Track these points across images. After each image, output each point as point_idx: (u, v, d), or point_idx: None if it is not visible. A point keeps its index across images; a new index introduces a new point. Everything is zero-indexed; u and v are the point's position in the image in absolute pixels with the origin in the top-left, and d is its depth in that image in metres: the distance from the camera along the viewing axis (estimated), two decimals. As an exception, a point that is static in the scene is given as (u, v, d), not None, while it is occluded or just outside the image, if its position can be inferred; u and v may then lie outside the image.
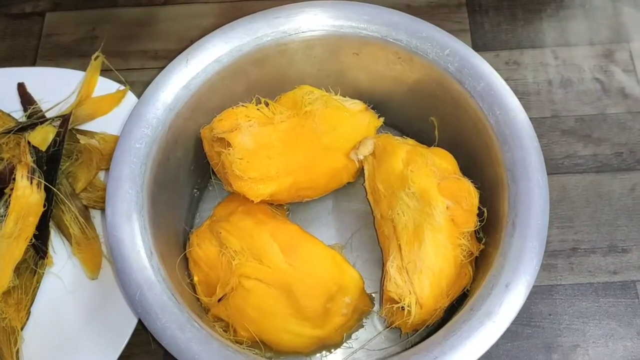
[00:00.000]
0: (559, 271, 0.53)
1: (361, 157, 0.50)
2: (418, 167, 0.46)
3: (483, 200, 0.45)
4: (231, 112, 0.49)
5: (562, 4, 0.64)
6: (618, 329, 0.51)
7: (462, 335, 0.39)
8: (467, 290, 0.45)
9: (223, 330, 0.46)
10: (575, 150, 0.58)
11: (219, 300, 0.46)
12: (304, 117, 0.49)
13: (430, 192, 0.44)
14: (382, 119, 0.53)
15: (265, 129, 0.48)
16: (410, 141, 0.50)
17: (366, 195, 0.52)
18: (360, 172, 0.52)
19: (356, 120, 0.51)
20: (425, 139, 0.52)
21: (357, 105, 0.52)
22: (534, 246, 0.41)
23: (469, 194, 0.45)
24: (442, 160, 0.47)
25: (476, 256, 0.45)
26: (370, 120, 0.52)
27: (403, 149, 0.48)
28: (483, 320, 0.39)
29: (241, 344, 0.44)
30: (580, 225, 0.54)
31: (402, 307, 0.43)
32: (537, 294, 0.51)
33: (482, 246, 0.45)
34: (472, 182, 0.46)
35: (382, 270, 0.49)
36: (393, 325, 0.46)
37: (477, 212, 0.45)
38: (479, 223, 0.45)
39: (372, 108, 0.53)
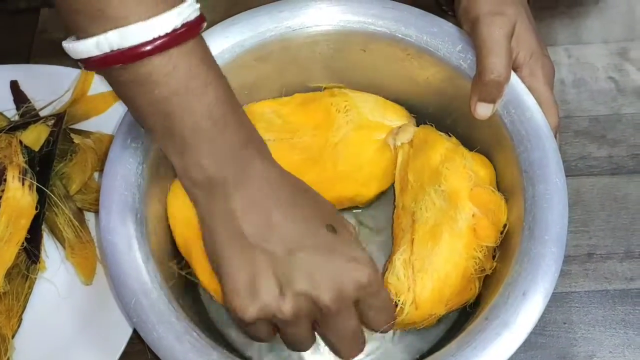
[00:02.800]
0: (574, 277, 0.51)
1: (398, 144, 0.48)
2: (455, 166, 0.44)
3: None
4: (253, 112, 0.48)
5: (575, 1, 0.63)
6: (636, 338, 0.49)
7: (478, 347, 0.37)
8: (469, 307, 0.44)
9: None
10: (589, 152, 0.56)
11: None
12: (328, 144, 0.48)
13: (461, 195, 0.43)
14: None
15: (281, 146, 0.47)
16: (453, 139, 0.48)
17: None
18: (374, 200, 0.50)
19: (385, 146, 0.49)
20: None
21: (398, 123, 0.49)
22: (552, 252, 0.39)
23: (499, 208, 0.43)
24: (481, 168, 0.45)
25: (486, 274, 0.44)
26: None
27: (444, 144, 0.46)
28: (499, 331, 0.38)
29: None
30: (595, 229, 0.53)
31: (396, 302, 0.42)
32: (551, 301, 0.49)
33: (495, 264, 0.44)
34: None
35: (386, 262, 0.48)
36: None
37: (502, 230, 0.43)
38: (499, 241, 0.43)
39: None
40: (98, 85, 0.57)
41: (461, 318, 0.46)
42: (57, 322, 0.49)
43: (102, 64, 0.35)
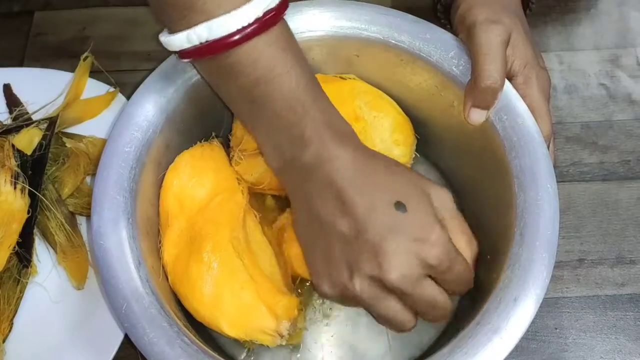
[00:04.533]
0: (565, 283, 0.52)
1: None
2: None
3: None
4: None
5: (567, 7, 0.64)
6: (627, 343, 0.49)
7: (469, 352, 0.37)
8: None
9: None
10: (580, 158, 0.57)
11: None
12: None
13: None
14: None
15: None
16: None
17: None
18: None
19: None
20: (430, 144, 0.51)
21: (402, 159, 0.49)
22: (543, 258, 0.40)
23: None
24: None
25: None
26: None
27: None
28: (490, 337, 0.38)
29: None
30: (586, 235, 0.53)
31: None
32: (542, 306, 0.49)
33: None
34: (478, 192, 0.45)
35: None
36: None
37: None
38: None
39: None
40: (91, 89, 0.57)
41: (452, 324, 0.46)
42: (48, 326, 0.49)
43: (193, 55, 0.38)
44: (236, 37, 0.36)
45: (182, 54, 0.39)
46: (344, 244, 0.38)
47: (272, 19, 0.37)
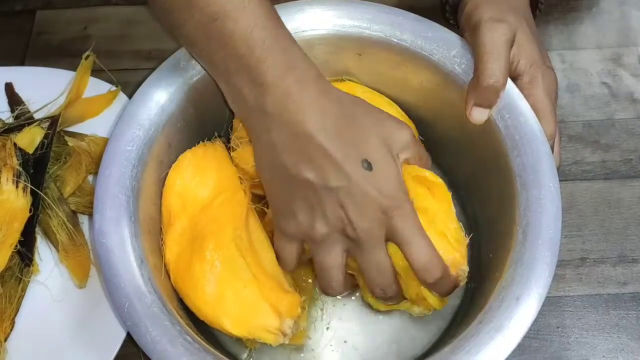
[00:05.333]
0: (567, 282, 0.51)
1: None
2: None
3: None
4: None
5: (569, 6, 0.64)
6: (629, 342, 0.49)
7: (472, 351, 0.37)
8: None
9: None
10: (583, 157, 0.56)
11: None
12: None
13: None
14: None
15: None
16: None
17: None
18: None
19: None
20: (432, 143, 0.50)
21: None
22: (546, 256, 0.39)
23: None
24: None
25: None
26: None
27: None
28: (493, 335, 0.38)
29: None
30: (588, 234, 0.53)
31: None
32: (544, 305, 0.49)
33: None
34: (480, 190, 0.45)
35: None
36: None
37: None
38: None
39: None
40: (92, 88, 0.57)
41: (454, 322, 0.46)
42: (50, 325, 0.49)
43: None
44: None
45: None
46: (311, 190, 0.39)
47: None
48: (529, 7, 0.48)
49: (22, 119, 0.55)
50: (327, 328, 0.48)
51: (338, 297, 0.48)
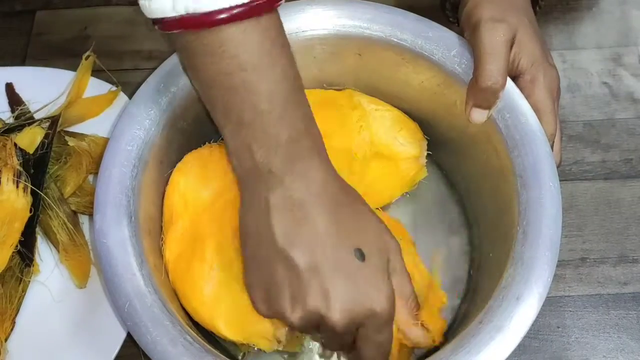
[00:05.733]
0: (568, 282, 0.51)
1: None
2: None
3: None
4: None
5: (569, 6, 0.64)
6: (629, 342, 0.49)
7: (472, 351, 0.37)
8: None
9: None
10: (583, 157, 0.56)
11: None
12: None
13: None
14: (425, 172, 0.50)
15: None
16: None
17: None
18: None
19: (397, 172, 0.48)
20: (433, 143, 0.51)
21: (412, 150, 0.49)
22: (546, 256, 0.39)
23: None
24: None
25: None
26: (415, 174, 0.49)
27: None
28: (493, 335, 0.38)
29: None
30: (589, 234, 0.53)
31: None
32: (545, 305, 0.49)
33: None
34: (480, 190, 0.45)
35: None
36: None
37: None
38: None
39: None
40: (93, 88, 0.57)
41: (454, 322, 0.46)
42: (50, 325, 0.49)
43: (175, 27, 0.34)
44: (225, 14, 0.33)
45: (163, 23, 0.35)
46: (293, 274, 0.36)
47: (264, 6, 0.35)
48: (530, 4, 0.48)
49: (23, 119, 0.55)
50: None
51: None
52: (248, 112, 0.36)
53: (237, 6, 0.34)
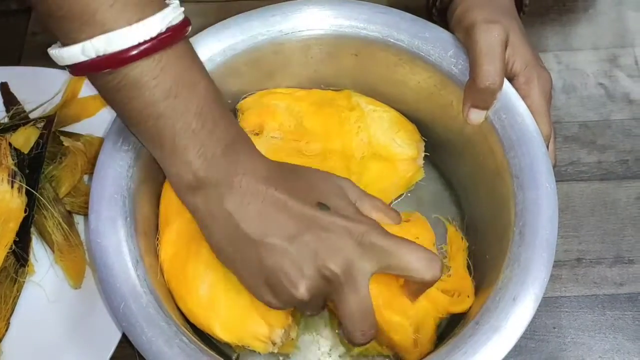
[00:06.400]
0: (564, 282, 0.51)
1: None
2: None
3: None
4: (266, 103, 0.47)
5: (565, 7, 0.64)
6: (625, 343, 0.49)
7: (468, 352, 0.37)
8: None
9: None
10: (579, 157, 0.57)
11: None
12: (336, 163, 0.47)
13: None
14: (423, 173, 0.51)
15: (286, 146, 0.46)
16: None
17: None
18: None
19: (395, 173, 0.49)
20: (430, 144, 0.51)
21: (409, 151, 0.49)
22: (542, 257, 0.39)
23: None
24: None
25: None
26: (412, 176, 0.50)
27: None
28: (490, 335, 0.38)
29: None
30: (585, 234, 0.53)
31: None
32: (541, 305, 0.49)
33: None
34: (477, 191, 0.45)
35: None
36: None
37: None
38: None
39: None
40: (88, 88, 0.57)
41: (451, 323, 0.46)
42: (45, 325, 0.49)
43: (88, 69, 0.35)
44: (135, 51, 0.34)
45: (76, 68, 0.35)
46: (280, 254, 0.37)
47: (174, 35, 0.35)
48: (515, 9, 0.48)
49: (17, 118, 0.55)
50: (318, 334, 0.48)
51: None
52: (180, 133, 0.37)
53: (145, 42, 0.34)
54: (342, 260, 0.37)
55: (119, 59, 0.34)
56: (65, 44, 0.35)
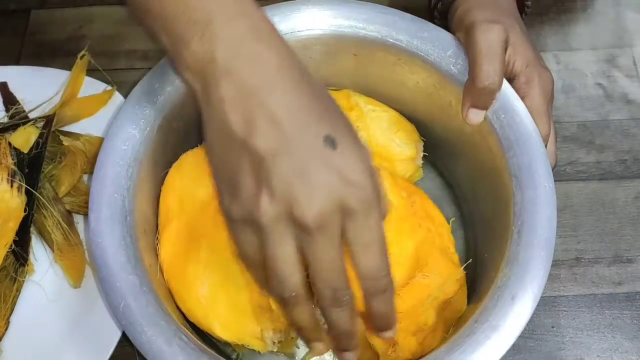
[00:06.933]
0: (562, 281, 0.52)
1: None
2: None
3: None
4: None
5: (564, 7, 0.64)
6: (623, 342, 0.49)
7: (467, 350, 0.37)
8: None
9: None
10: (577, 157, 0.57)
11: None
12: None
13: None
14: (421, 173, 0.51)
15: None
16: None
17: None
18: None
19: (393, 173, 0.48)
20: (428, 143, 0.51)
21: (408, 151, 0.49)
22: (541, 256, 0.40)
23: None
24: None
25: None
26: (411, 176, 0.50)
27: None
28: (488, 334, 0.38)
29: None
30: (583, 234, 0.53)
31: None
32: (539, 305, 0.49)
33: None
34: (476, 191, 0.45)
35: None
36: None
37: None
38: None
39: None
40: (88, 87, 0.57)
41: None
42: (45, 325, 0.49)
43: None
44: None
45: None
46: (255, 161, 0.32)
47: None
48: (517, 9, 0.48)
49: (17, 118, 0.55)
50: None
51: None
52: (175, 8, 0.33)
53: None
54: (313, 208, 0.32)
55: None
56: None
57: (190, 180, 0.45)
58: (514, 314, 0.38)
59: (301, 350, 0.47)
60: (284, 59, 0.33)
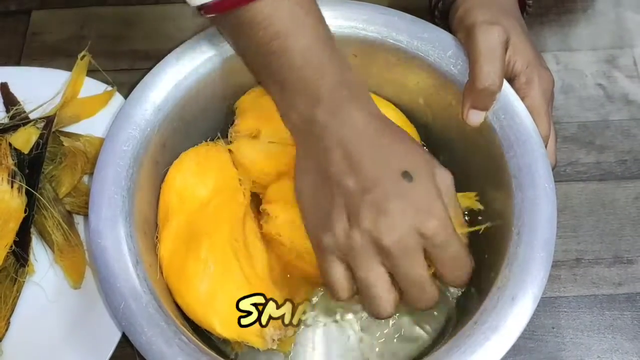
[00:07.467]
0: (562, 282, 0.52)
1: None
2: None
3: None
4: (261, 102, 0.47)
5: (564, 8, 0.64)
6: (624, 343, 0.49)
7: (467, 351, 0.37)
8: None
9: None
10: (577, 158, 0.57)
11: None
12: None
13: None
14: None
15: (286, 150, 0.46)
16: None
17: None
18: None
19: None
20: (428, 144, 0.50)
21: None
22: (541, 257, 0.40)
23: None
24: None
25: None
26: None
27: None
28: (488, 335, 0.38)
29: None
30: (583, 235, 0.53)
31: None
32: (539, 305, 0.49)
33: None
34: (475, 191, 0.45)
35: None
36: None
37: None
38: None
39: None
40: (88, 88, 0.57)
41: (449, 322, 0.46)
42: (45, 325, 0.49)
43: (214, 10, 0.41)
44: None
45: (205, 9, 0.41)
46: (347, 198, 0.38)
47: None
48: (519, 9, 0.48)
49: (18, 119, 0.55)
50: (317, 331, 0.48)
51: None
52: (287, 74, 0.40)
53: None
54: (392, 237, 0.37)
55: (239, 1, 0.39)
56: None
57: (191, 177, 0.45)
58: (514, 314, 0.38)
59: (299, 349, 0.47)
60: (369, 117, 0.40)
